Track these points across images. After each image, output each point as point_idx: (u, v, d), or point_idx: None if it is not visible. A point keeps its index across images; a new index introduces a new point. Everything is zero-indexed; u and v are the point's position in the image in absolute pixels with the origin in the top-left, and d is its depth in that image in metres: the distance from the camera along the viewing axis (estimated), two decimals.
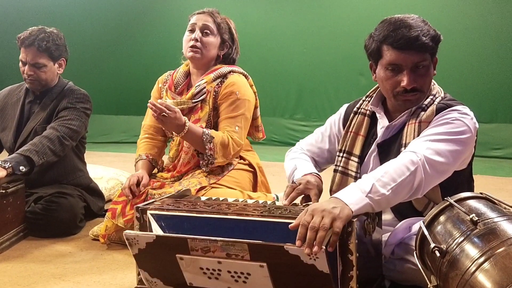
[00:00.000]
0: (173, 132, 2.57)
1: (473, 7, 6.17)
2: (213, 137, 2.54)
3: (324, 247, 1.49)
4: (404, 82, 1.93)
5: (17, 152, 2.69)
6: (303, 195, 2.02)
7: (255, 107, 2.81)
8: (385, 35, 1.93)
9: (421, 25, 1.93)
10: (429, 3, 6.09)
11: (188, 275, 1.70)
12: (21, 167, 2.60)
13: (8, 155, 2.94)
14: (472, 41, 6.11)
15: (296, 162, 2.25)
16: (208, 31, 2.68)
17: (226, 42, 2.74)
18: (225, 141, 2.56)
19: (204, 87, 2.66)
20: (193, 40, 2.65)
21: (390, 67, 1.95)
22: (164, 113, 2.41)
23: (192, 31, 2.69)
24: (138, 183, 2.54)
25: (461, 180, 2.00)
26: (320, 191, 2.05)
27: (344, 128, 2.20)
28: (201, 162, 2.61)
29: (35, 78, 2.91)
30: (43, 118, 2.91)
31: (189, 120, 2.59)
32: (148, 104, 2.45)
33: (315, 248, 1.48)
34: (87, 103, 2.99)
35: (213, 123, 2.68)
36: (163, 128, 2.76)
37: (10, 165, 2.57)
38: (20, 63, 2.92)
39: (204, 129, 2.56)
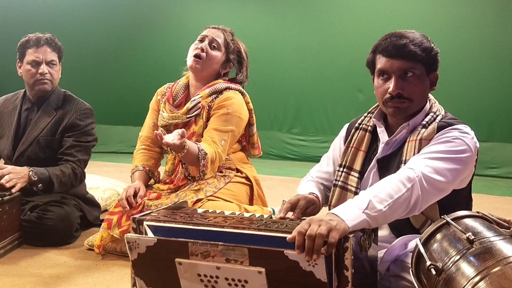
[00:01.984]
0: (172, 152, 2.51)
1: (470, 26, 6.21)
2: (207, 154, 2.51)
3: (323, 253, 1.51)
4: (390, 88, 1.96)
5: (47, 169, 2.76)
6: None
7: (251, 124, 2.81)
8: (377, 44, 2.01)
9: (416, 36, 1.97)
10: (427, 22, 6.12)
11: (185, 283, 1.69)
12: (40, 185, 2.71)
13: (4, 163, 2.95)
14: (469, 60, 6.15)
15: (298, 189, 2.26)
16: (216, 46, 2.70)
17: (230, 62, 2.76)
18: (214, 157, 2.55)
19: (199, 102, 2.67)
20: (199, 49, 2.68)
21: (381, 74, 2.00)
22: (181, 138, 2.36)
23: (201, 41, 2.72)
24: (135, 194, 2.54)
25: (459, 199, 2.00)
26: (309, 203, 2.06)
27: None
28: (186, 174, 2.60)
29: (49, 78, 2.93)
30: (47, 129, 2.91)
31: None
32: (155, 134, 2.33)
33: (314, 256, 1.50)
34: (93, 117, 3.04)
35: None
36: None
37: (36, 178, 2.69)
38: (29, 66, 2.91)
39: (198, 145, 2.51)
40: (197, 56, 2.68)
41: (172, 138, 2.28)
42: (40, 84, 2.94)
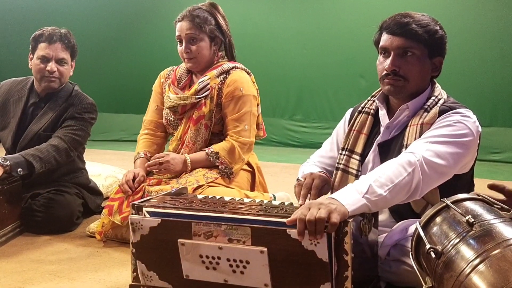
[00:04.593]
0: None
1: (473, 10, 6.16)
2: (218, 152, 2.61)
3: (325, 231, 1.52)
4: (386, 65, 1.96)
5: (21, 153, 2.67)
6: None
7: (257, 104, 2.81)
8: (383, 21, 2.02)
9: (423, 18, 1.97)
10: (429, 6, 6.06)
11: (186, 265, 1.70)
12: (19, 169, 2.59)
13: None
14: (472, 45, 6.10)
15: (304, 169, 2.26)
16: (194, 38, 2.66)
17: (216, 38, 2.73)
18: (231, 149, 2.63)
19: (208, 83, 2.67)
20: (185, 52, 2.67)
21: (382, 52, 2.01)
22: (159, 161, 2.57)
23: (181, 41, 2.69)
24: (134, 179, 2.55)
25: (461, 184, 1.99)
26: (324, 182, 2.06)
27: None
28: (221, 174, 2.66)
29: (57, 76, 2.87)
30: (47, 123, 2.87)
31: (193, 116, 2.66)
32: (148, 168, 2.62)
33: (318, 236, 1.52)
34: (94, 113, 2.98)
35: (216, 120, 2.69)
36: (165, 124, 2.79)
37: (9, 163, 2.55)
38: (38, 61, 2.85)
39: (206, 150, 2.64)
40: (188, 58, 2.68)
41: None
42: (47, 81, 2.87)
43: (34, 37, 2.89)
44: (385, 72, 1.97)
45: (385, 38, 1.99)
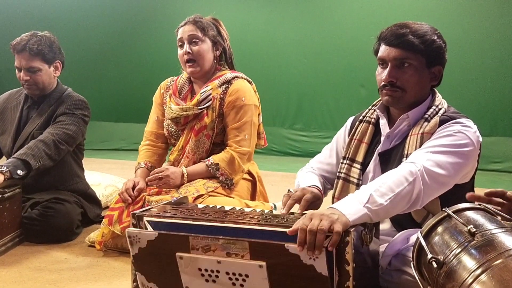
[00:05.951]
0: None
1: (474, 18, 6.17)
2: (218, 164, 2.61)
3: (328, 249, 1.51)
4: (384, 76, 1.97)
5: (13, 156, 2.69)
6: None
7: (258, 114, 2.81)
8: (381, 32, 2.02)
9: (421, 28, 1.97)
10: (429, 14, 6.08)
11: (186, 278, 1.69)
12: (18, 171, 2.60)
13: (6, 160, 2.94)
14: (472, 53, 6.11)
15: (300, 180, 2.25)
16: (196, 39, 2.66)
17: (217, 42, 2.74)
18: (230, 159, 2.62)
19: (210, 94, 2.66)
20: (185, 54, 2.66)
21: (380, 62, 2.02)
22: (159, 176, 2.56)
23: (182, 45, 2.69)
24: (133, 188, 2.55)
25: (462, 194, 1.96)
26: (315, 198, 2.04)
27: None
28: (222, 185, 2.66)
29: (32, 83, 2.90)
30: (40, 123, 2.91)
31: (195, 127, 2.65)
32: (149, 183, 2.60)
33: (316, 252, 1.50)
34: (85, 110, 2.99)
35: (218, 130, 2.68)
36: (166, 135, 2.79)
37: (8, 169, 2.56)
38: (16, 70, 2.93)
39: (206, 161, 2.63)
40: (189, 61, 2.67)
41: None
42: (26, 89, 2.96)
43: (10, 46, 2.93)
44: (382, 83, 1.98)
45: (382, 49, 2.00)
